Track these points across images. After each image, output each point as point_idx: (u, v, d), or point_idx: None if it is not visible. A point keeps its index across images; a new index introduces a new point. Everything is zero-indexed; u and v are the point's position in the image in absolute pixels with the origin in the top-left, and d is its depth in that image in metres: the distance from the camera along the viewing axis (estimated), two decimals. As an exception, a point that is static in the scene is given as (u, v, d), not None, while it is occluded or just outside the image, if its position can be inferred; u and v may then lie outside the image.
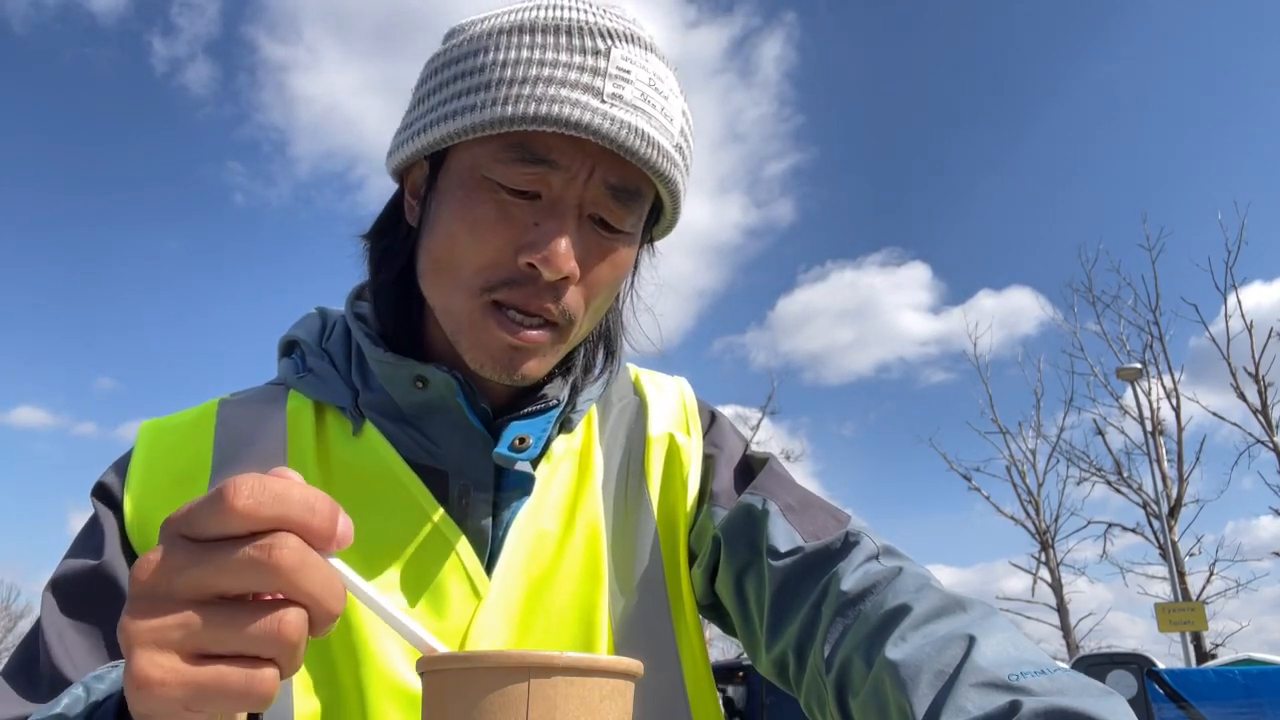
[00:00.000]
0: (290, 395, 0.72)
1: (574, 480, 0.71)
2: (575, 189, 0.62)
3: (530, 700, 0.38)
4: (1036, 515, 17.67)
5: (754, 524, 0.68)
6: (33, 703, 0.58)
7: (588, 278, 0.64)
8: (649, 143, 0.62)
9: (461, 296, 0.64)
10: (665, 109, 0.64)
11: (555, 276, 0.62)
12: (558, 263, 0.61)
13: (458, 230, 0.63)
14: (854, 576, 0.61)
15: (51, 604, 0.62)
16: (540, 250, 0.61)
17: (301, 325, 0.77)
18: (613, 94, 0.61)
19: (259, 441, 0.69)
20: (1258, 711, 6.92)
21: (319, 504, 0.38)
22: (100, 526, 0.65)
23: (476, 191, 0.63)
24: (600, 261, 0.65)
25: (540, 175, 0.61)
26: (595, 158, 0.62)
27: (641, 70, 0.63)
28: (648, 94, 0.63)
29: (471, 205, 0.63)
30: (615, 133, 0.60)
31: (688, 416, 0.78)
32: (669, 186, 0.66)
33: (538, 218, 0.62)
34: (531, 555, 0.67)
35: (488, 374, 0.65)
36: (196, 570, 0.36)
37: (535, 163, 0.61)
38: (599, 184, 0.62)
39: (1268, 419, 14.86)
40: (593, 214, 0.64)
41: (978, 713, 0.46)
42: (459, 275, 0.64)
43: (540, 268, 0.61)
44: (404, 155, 0.68)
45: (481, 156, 0.63)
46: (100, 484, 0.68)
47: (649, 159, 0.62)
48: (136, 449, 0.69)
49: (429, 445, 0.68)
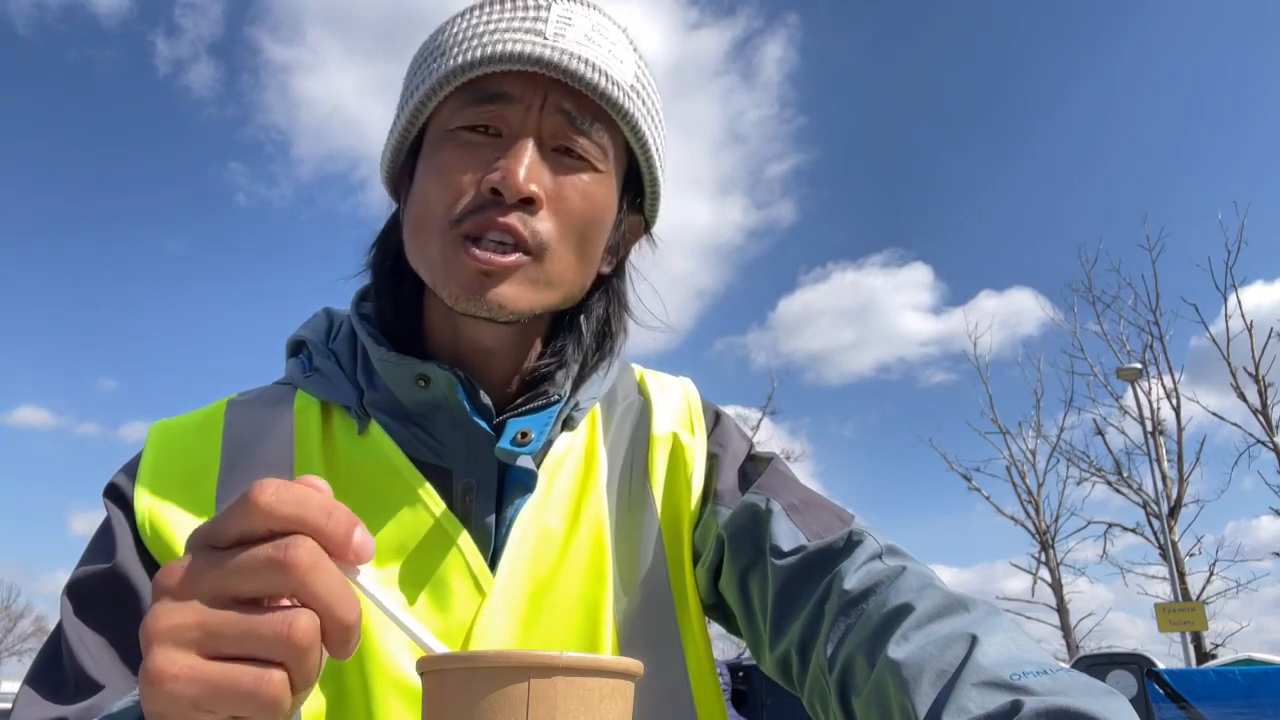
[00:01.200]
0: (297, 395, 0.72)
1: (578, 478, 0.72)
2: (532, 119, 0.65)
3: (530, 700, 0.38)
4: (1036, 515, 17.67)
5: (757, 523, 0.68)
6: (60, 705, 0.59)
7: (559, 205, 0.66)
8: (594, 69, 0.65)
9: (434, 239, 0.66)
10: (612, 51, 0.68)
11: (516, 196, 0.63)
12: (515, 181, 0.63)
13: (428, 183, 0.67)
14: (857, 576, 0.61)
15: (69, 607, 0.63)
16: (500, 172, 0.63)
17: (309, 326, 0.78)
18: (555, 34, 0.65)
19: (266, 441, 0.69)
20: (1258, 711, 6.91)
21: (337, 511, 0.39)
22: (113, 529, 0.66)
23: (441, 144, 0.67)
24: (569, 189, 0.67)
25: (496, 111, 0.65)
26: (546, 89, 0.65)
27: (583, 20, 0.68)
28: (591, 36, 0.67)
29: (437, 156, 0.67)
30: (559, 59, 0.64)
31: (692, 416, 0.78)
32: (629, 122, 0.68)
33: (501, 152, 0.65)
34: (535, 553, 0.67)
35: (463, 306, 0.65)
36: (216, 573, 0.37)
37: (489, 100, 0.65)
38: (553, 112, 0.65)
39: (1268, 419, 14.86)
40: (556, 146, 0.66)
41: (979, 712, 0.46)
42: (430, 222, 0.66)
43: (500, 188, 0.63)
44: (389, 156, 0.73)
45: (443, 116, 0.67)
46: (111, 485, 0.68)
47: (596, 84, 0.65)
48: (146, 450, 0.69)
49: (433, 443, 0.69)
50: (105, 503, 0.68)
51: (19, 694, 0.62)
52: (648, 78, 0.72)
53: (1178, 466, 15.94)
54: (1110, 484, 17.00)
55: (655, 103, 0.72)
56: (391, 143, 0.72)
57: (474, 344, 0.70)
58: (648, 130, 0.71)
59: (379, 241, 0.76)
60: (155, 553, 0.64)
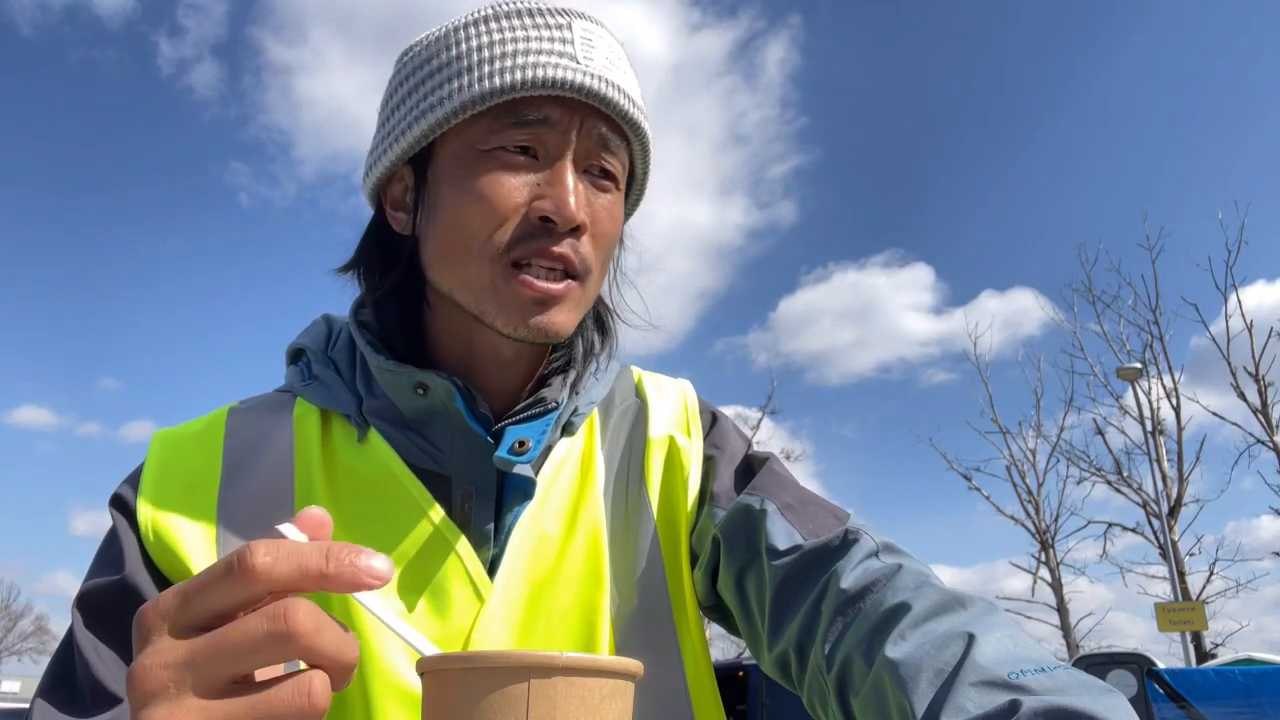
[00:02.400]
0: (296, 402, 0.72)
1: (576, 484, 0.72)
2: (569, 144, 0.66)
3: (530, 700, 0.38)
4: (1036, 515, 17.66)
5: (753, 523, 0.68)
6: (77, 717, 0.58)
7: (596, 229, 0.68)
8: (624, 95, 0.68)
9: (479, 266, 0.65)
10: (626, 71, 0.70)
11: (569, 226, 0.64)
12: (570, 211, 0.64)
13: (465, 204, 0.66)
14: (853, 574, 0.61)
15: (80, 620, 0.63)
16: (551, 201, 0.64)
17: (308, 333, 0.78)
18: (585, 56, 0.67)
19: (266, 449, 0.69)
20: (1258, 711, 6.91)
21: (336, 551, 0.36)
22: (119, 539, 0.66)
23: (477, 164, 0.66)
24: (602, 212, 0.68)
25: (536, 134, 0.66)
26: (580, 113, 0.66)
27: (601, 40, 0.69)
28: (611, 58, 0.69)
29: (475, 177, 0.66)
30: (597, 87, 0.65)
31: (689, 418, 0.79)
32: (642, 140, 0.71)
33: (541, 175, 0.65)
34: (533, 558, 0.67)
35: (521, 335, 0.66)
36: (208, 660, 0.34)
37: (529, 124, 0.65)
38: (588, 136, 0.67)
39: (1268, 419, 14.86)
40: (588, 167, 0.68)
41: (977, 712, 0.46)
42: (473, 246, 0.65)
43: (554, 217, 0.64)
44: (383, 167, 0.71)
45: (475, 135, 0.66)
46: (116, 496, 0.69)
47: (626, 110, 0.68)
48: (148, 459, 0.70)
49: (432, 450, 0.69)
50: (111, 512, 0.68)
51: (33, 708, 0.61)
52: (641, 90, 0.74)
53: (1178, 466, 15.93)
54: (1110, 484, 17.00)
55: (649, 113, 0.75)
56: (391, 153, 0.70)
57: (493, 356, 0.71)
58: (651, 139, 0.73)
59: (367, 252, 0.75)
60: (159, 562, 0.65)
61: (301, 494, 0.67)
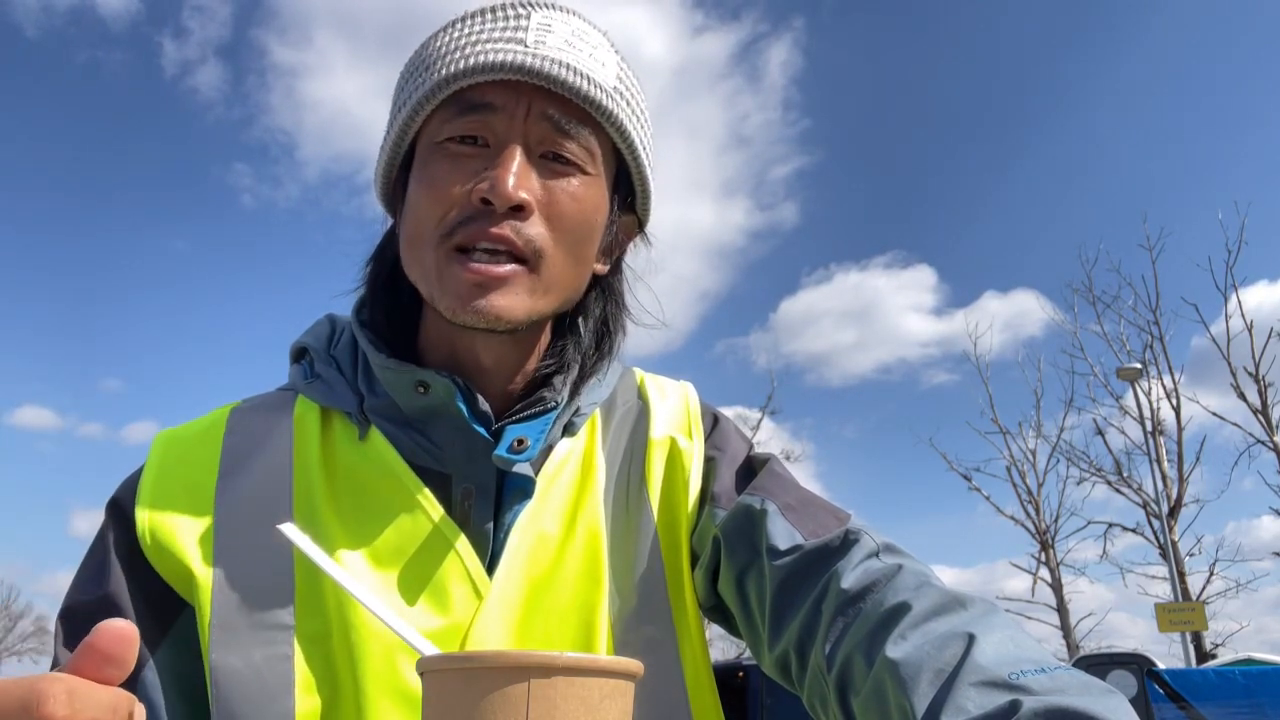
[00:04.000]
0: (298, 401, 0.73)
1: (576, 484, 0.72)
2: (517, 127, 0.66)
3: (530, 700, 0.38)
4: (1036, 515, 17.67)
5: (753, 524, 0.68)
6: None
7: (550, 210, 0.67)
8: (576, 73, 0.66)
9: (427, 252, 0.66)
10: (593, 55, 0.68)
11: (505, 205, 0.64)
12: (504, 190, 0.63)
13: (418, 196, 0.67)
14: (854, 574, 0.61)
15: (62, 635, 0.64)
16: (489, 181, 0.64)
17: (311, 332, 0.79)
18: (536, 41, 0.66)
19: (265, 447, 0.69)
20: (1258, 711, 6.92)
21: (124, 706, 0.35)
22: (108, 548, 0.66)
23: (429, 157, 0.68)
24: (561, 194, 0.67)
25: (481, 121, 0.66)
26: (530, 96, 0.66)
27: (563, 25, 0.68)
28: (571, 41, 0.68)
29: (427, 169, 0.67)
30: (541, 66, 0.64)
31: (690, 420, 0.79)
32: (613, 123, 0.69)
33: (488, 163, 0.65)
34: (532, 557, 0.67)
35: (460, 318, 0.65)
36: None
37: (473, 110, 0.66)
38: (538, 119, 0.66)
39: (1268, 419, 14.86)
40: (544, 152, 0.67)
41: (978, 712, 0.46)
42: (422, 235, 0.67)
43: (490, 197, 0.64)
44: (382, 171, 0.74)
45: (431, 129, 0.68)
46: (113, 500, 0.69)
47: (578, 87, 0.66)
48: (149, 461, 0.70)
49: (432, 449, 0.69)
50: (105, 518, 0.68)
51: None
52: (631, 79, 0.72)
53: (1178, 466, 15.93)
54: (1110, 484, 17.00)
55: (640, 103, 0.73)
56: (384, 157, 0.73)
57: (471, 360, 0.71)
58: (633, 130, 0.71)
59: (376, 255, 0.77)
60: (156, 564, 0.65)
61: (300, 491, 0.67)
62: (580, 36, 0.69)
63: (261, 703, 0.60)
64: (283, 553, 0.64)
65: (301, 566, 0.64)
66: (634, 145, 0.72)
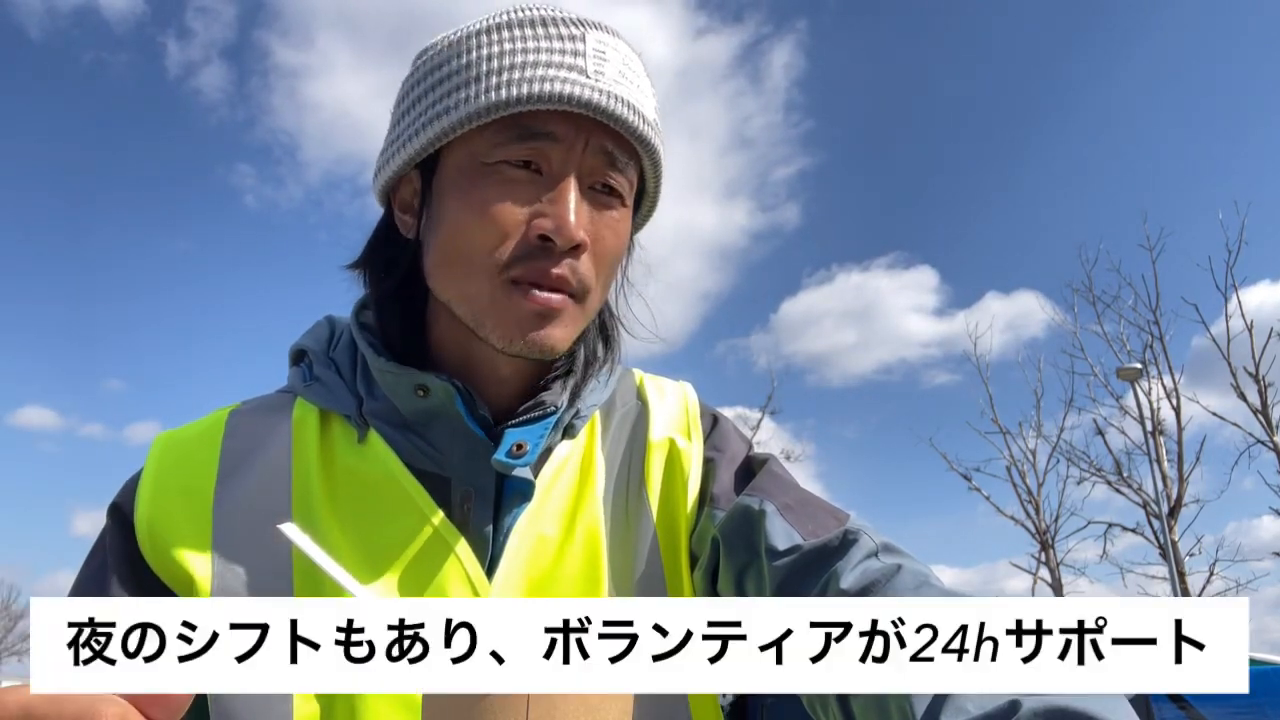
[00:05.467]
0: (297, 403, 0.72)
1: (575, 486, 0.72)
2: (574, 160, 0.66)
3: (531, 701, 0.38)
4: (1036, 515, 17.65)
5: (751, 524, 0.68)
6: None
7: (597, 246, 0.67)
8: (634, 111, 0.67)
9: (478, 280, 0.65)
10: (640, 85, 0.69)
11: (568, 245, 0.64)
12: (570, 231, 0.63)
13: (466, 217, 0.65)
14: (853, 574, 0.61)
15: None
16: (552, 220, 0.63)
17: (310, 334, 0.78)
18: (596, 71, 0.66)
19: (264, 449, 0.69)
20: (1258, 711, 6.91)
21: None
22: (107, 551, 0.66)
23: (480, 178, 0.66)
24: (605, 230, 0.68)
25: (540, 150, 0.65)
26: (588, 130, 0.66)
27: (615, 52, 0.68)
28: (624, 71, 0.68)
29: (477, 191, 0.65)
30: (605, 103, 0.64)
31: (689, 421, 0.79)
32: (653, 156, 0.71)
33: (543, 192, 0.65)
34: (531, 560, 0.67)
35: (518, 349, 0.66)
36: None
37: (533, 138, 0.65)
38: (594, 153, 0.66)
39: (1268, 419, 14.85)
40: (593, 184, 0.67)
41: (978, 712, 0.46)
42: (473, 260, 0.65)
43: (554, 237, 0.64)
44: (393, 169, 0.71)
45: (479, 146, 0.66)
46: (114, 504, 0.69)
47: (635, 127, 0.67)
48: (147, 463, 0.70)
49: (431, 452, 0.69)
50: (107, 521, 0.68)
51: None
52: (657, 103, 0.73)
53: (1178, 466, 15.90)
54: (1110, 484, 16.98)
55: (662, 127, 0.73)
56: (398, 158, 0.71)
57: (490, 371, 0.71)
58: (663, 155, 0.72)
59: (374, 252, 0.76)
60: (155, 566, 0.65)
61: (299, 495, 0.67)
62: (629, 65, 0.69)
63: (261, 706, 0.60)
64: (282, 555, 0.64)
65: (301, 569, 0.64)
66: (660, 175, 0.73)
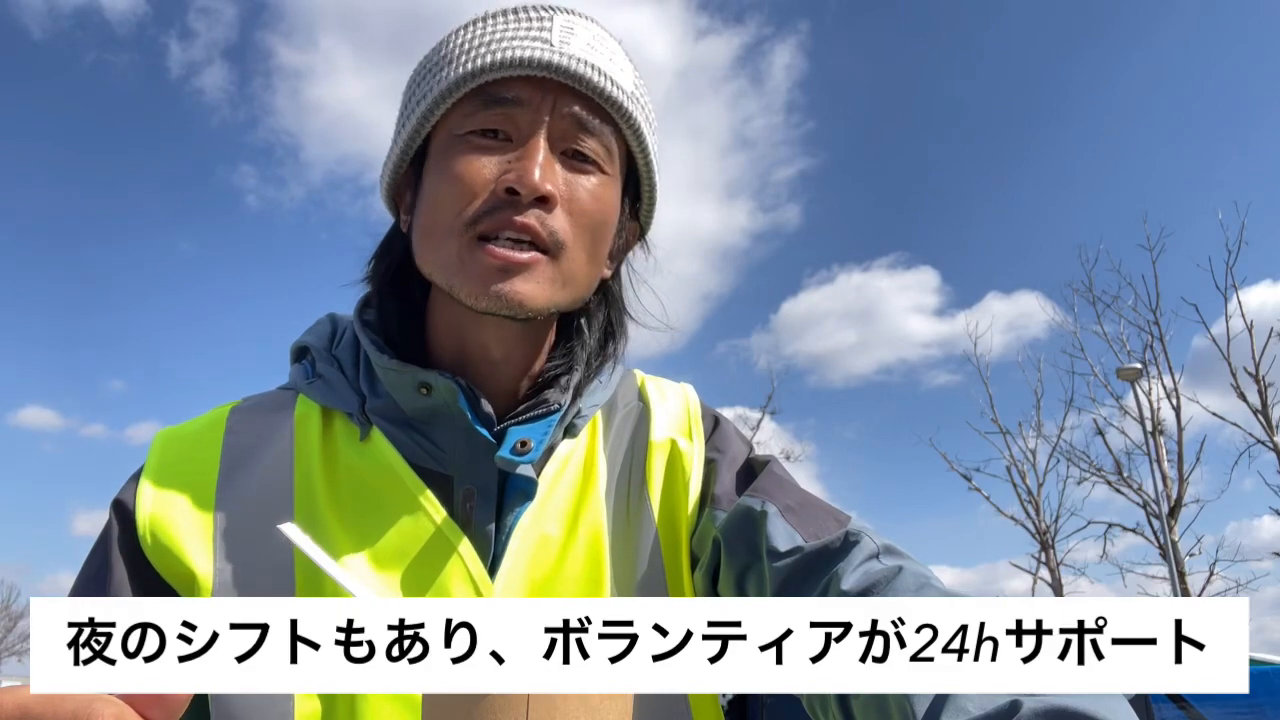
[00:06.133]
0: (299, 401, 0.73)
1: (577, 486, 0.72)
2: (541, 123, 0.66)
3: (531, 700, 0.38)
4: (1037, 515, 17.65)
5: (753, 525, 0.68)
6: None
7: (571, 205, 0.67)
8: (600, 73, 0.67)
9: (449, 242, 0.66)
10: (612, 59, 0.69)
11: (532, 195, 0.64)
12: (532, 180, 0.64)
13: (440, 186, 0.67)
14: (854, 576, 0.61)
15: None
16: (515, 172, 0.65)
17: (313, 331, 0.79)
18: (561, 41, 0.67)
19: (267, 447, 0.69)
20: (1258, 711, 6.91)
21: None
22: (107, 550, 0.66)
23: (451, 149, 0.68)
24: (580, 190, 0.68)
25: (506, 115, 0.66)
26: (555, 93, 0.67)
27: (584, 31, 0.70)
28: (593, 44, 0.69)
29: (448, 161, 0.67)
30: (567, 64, 0.66)
31: (691, 422, 0.79)
32: (632, 125, 0.71)
33: (511, 154, 0.66)
34: (533, 559, 0.67)
35: (481, 303, 0.65)
36: None
37: (498, 104, 0.66)
38: (562, 115, 0.67)
39: (1268, 419, 14.85)
40: (565, 149, 0.68)
41: (978, 712, 0.46)
42: (445, 224, 0.67)
43: (517, 187, 0.64)
44: (391, 168, 0.73)
45: (453, 122, 0.68)
46: (116, 500, 0.69)
47: (602, 88, 0.67)
48: (148, 459, 0.70)
49: (434, 450, 0.69)
50: (109, 517, 0.68)
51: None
52: (644, 86, 0.74)
53: (1178, 466, 15.90)
54: (1110, 484, 16.98)
55: (652, 111, 0.74)
56: (394, 155, 0.73)
57: (481, 354, 0.71)
58: (648, 135, 0.73)
59: (379, 254, 0.77)
60: (156, 563, 0.65)
61: (301, 492, 0.67)
62: (600, 41, 0.70)
63: (261, 704, 0.60)
64: (283, 552, 0.64)
65: (302, 566, 0.64)
66: (647, 149, 0.73)
